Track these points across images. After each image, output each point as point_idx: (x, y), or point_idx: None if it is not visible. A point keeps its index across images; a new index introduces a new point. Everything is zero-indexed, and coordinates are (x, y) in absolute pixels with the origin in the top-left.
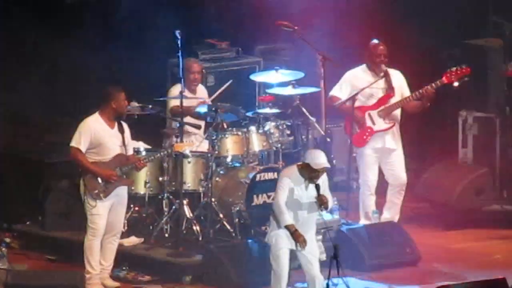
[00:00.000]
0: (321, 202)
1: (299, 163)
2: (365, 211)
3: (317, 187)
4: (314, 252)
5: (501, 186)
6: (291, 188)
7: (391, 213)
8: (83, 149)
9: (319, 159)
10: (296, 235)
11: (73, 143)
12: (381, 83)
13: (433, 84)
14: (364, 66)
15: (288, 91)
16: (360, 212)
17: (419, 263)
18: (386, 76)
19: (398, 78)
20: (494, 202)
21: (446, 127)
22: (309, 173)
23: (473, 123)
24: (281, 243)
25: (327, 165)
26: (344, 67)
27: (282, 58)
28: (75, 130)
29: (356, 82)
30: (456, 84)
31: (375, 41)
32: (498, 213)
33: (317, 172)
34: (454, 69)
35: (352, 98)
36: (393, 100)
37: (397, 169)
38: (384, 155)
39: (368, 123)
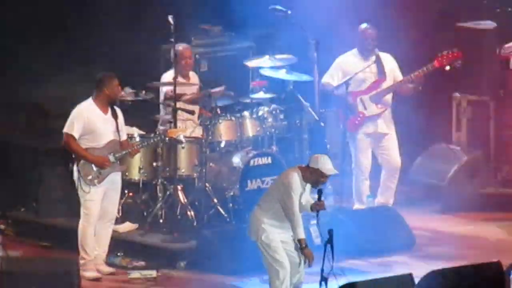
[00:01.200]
0: (320, 207)
1: (302, 166)
2: (359, 196)
3: (320, 192)
4: (292, 241)
5: (495, 169)
6: (299, 193)
7: (385, 197)
8: (77, 136)
9: (329, 164)
10: (306, 252)
11: (66, 130)
12: (373, 67)
13: (425, 68)
14: (355, 50)
15: (281, 74)
16: (354, 197)
17: (414, 247)
18: (378, 60)
19: (389, 62)
20: (488, 185)
21: (440, 111)
22: (317, 178)
23: (467, 106)
24: (274, 235)
25: (337, 171)
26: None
27: (276, 43)
28: (68, 117)
29: (347, 67)
30: (447, 68)
31: (364, 25)
32: (492, 196)
33: (326, 178)
34: (445, 53)
35: (345, 84)
36: (385, 85)
37: (391, 153)
38: (377, 140)
39: (360, 108)
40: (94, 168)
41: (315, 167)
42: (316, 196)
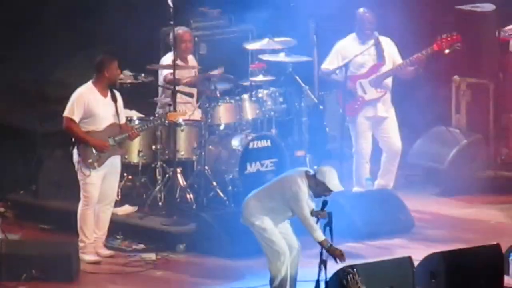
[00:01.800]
0: (321, 217)
1: (308, 173)
2: (359, 179)
3: (325, 204)
4: (287, 224)
5: (495, 152)
6: (306, 199)
7: (386, 179)
8: (77, 119)
9: (336, 180)
10: (332, 250)
11: (66, 113)
12: (372, 51)
13: (424, 52)
14: (353, 35)
15: (281, 57)
16: (354, 179)
17: (413, 230)
18: (377, 44)
19: (389, 46)
20: (488, 168)
21: (439, 94)
22: (322, 191)
23: (466, 89)
24: (268, 223)
25: (342, 188)
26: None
27: (275, 26)
28: (67, 100)
29: (346, 52)
30: (447, 51)
31: (362, 9)
32: (491, 179)
33: (330, 193)
34: (444, 36)
35: (344, 68)
36: (384, 68)
37: (391, 137)
38: (377, 123)
39: (360, 92)
40: (94, 152)
41: (322, 180)
42: (320, 204)
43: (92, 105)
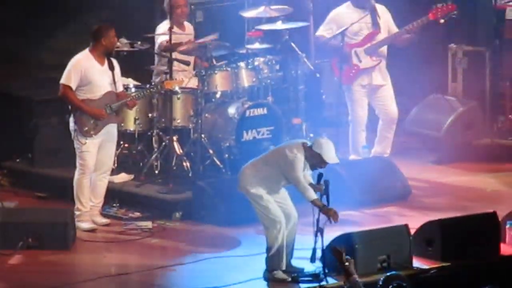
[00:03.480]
0: (317, 190)
1: (305, 144)
2: (355, 147)
3: (320, 176)
4: (285, 192)
5: (491, 120)
6: (302, 167)
7: (382, 146)
8: (73, 87)
9: (332, 152)
10: (325, 210)
11: (63, 81)
12: (368, 19)
13: (419, 21)
14: (348, 3)
15: (277, 26)
16: (350, 148)
17: (410, 197)
18: (373, 12)
19: (384, 14)
20: (484, 136)
21: (436, 61)
22: (318, 163)
23: (462, 57)
24: (263, 191)
25: (338, 160)
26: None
27: None
28: (64, 68)
29: (341, 21)
30: (442, 21)
31: None
32: (488, 147)
33: (325, 164)
34: (440, 5)
35: (340, 35)
36: (380, 37)
37: (387, 104)
38: (372, 91)
39: (355, 60)
40: (91, 120)
41: (318, 152)
42: (316, 177)
43: (88, 72)
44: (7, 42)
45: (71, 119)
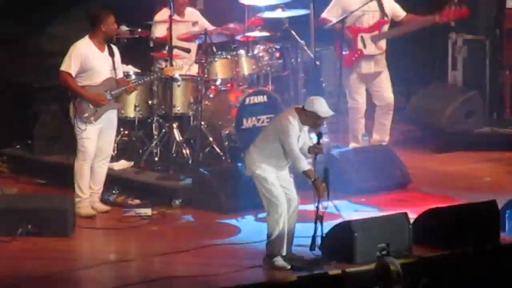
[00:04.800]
0: (318, 151)
1: (298, 108)
2: (354, 135)
3: (319, 136)
4: (289, 178)
5: (491, 109)
6: (297, 134)
7: (380, 134)
8: (73, 73)
9: (325, 106)
10: (317, 183)
11: (63, 67)
12: (374, 5)
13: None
14: None
15: (278, 13)
16: (350, 135)
17: (410, 186)
18: (379, 0)
19: (389, 3)
20: (484, 125)
21: (436, 50)
22: (314, 121)
23: (463, 45)
24: (269, 170)
25: (333, 112)
26: None
27: None
28: (65, 54)
29: (347, 5)
30: (452, 24)
31: None
32: (488, 136)
33: (322, 120)
34: (453, 7)
35: (343, 20)
36: (386, 27)
37: (383, 90)
38: (370, 78)
39: (360, 45)
40: (91, 106)
41: (311, 110)
42: (315, 138)
43: (89, 58)
44: (7, 28)
45: (71, 106)
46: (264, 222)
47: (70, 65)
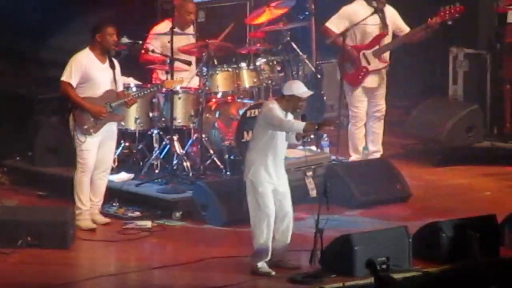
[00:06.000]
0: (308, 128)
1: (277, 97)
2: (355, 147)
3: (304, 118)
4: (287, 188)
5: (492, 123)
6: (281, 115)
7: (375, 145)
8: (74, 84)
9: (302, 88)
10: (322, 126)
11: (63, 78)
12: (377, 19)
13: (430, 21)
14: (361, 1)
15: (279, 26)
16: (350, 147)
17: (410, 199)
18: (383, 12)
19: (391, 15)
20: (484, 139)
21: (437, 64)
22: (295, 104)
23: (463, 59)
24: (264, 179)
25: (311, 92)
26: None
27: None
28: (64, 66)
29: (354, 17)
30: (449, 22)
31: None
32: (488, 150)
33: (303, 102)
34: (447, 7)
35: (344, 33)
36: (387, 39)
37: (378, 99)
38: (372, 90)
39: (363, 62)
40: (90, 118)
41: (290, 94)
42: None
43: (89, 69)
44: (8, 40)
45: (71, 117)
46: None
47: (70, 75)
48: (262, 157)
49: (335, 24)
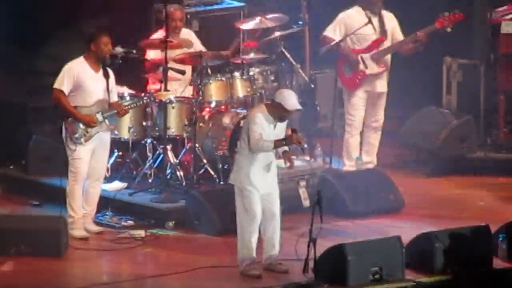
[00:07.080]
0: (296, 141)
1: (267, 102)
2: (349, 154)
3: (295, 131)
4: (276, 190)
5: (485, 133)
6: (263, 125)
7: (370, 155)
8: (66, 92)
9: (292, 100)
10: (290, 141)
11: (56, 85)
12: (371, 29)
13: (426, 29)
14: (357, 7)
15: (273, 35)
16: (344, 155)
17: (403, 209)
18: (381, 18)
19: (390, 21)
20: (478, 149)
21: (431, 74)
22: (280, 113)
23: (457, 69)
24: (251, 183)
25: (300, 107)
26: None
27: (267, 4)
28: (59, 73)
29: (351, 23)
30: (449, 30)
31: None
32: (481, 160)
33: (289, 113)
34: (447, 14)
35: (343, 40)
36: (386, 43)
37: (378, 110)
38: (373, 98)
39: (361, 66)
40: (81, 126)
41: (277, 101)
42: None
43: (81, 78)
44: (1, 49)
45: (63, 126)
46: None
47: (63, 83)
48: (250, 161)
49: (332, 31)
